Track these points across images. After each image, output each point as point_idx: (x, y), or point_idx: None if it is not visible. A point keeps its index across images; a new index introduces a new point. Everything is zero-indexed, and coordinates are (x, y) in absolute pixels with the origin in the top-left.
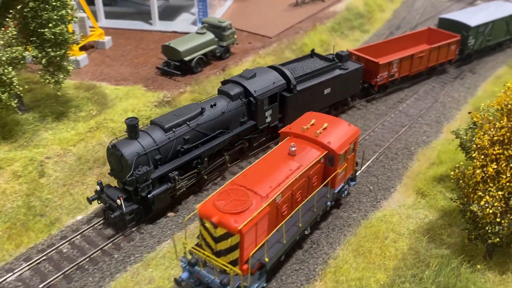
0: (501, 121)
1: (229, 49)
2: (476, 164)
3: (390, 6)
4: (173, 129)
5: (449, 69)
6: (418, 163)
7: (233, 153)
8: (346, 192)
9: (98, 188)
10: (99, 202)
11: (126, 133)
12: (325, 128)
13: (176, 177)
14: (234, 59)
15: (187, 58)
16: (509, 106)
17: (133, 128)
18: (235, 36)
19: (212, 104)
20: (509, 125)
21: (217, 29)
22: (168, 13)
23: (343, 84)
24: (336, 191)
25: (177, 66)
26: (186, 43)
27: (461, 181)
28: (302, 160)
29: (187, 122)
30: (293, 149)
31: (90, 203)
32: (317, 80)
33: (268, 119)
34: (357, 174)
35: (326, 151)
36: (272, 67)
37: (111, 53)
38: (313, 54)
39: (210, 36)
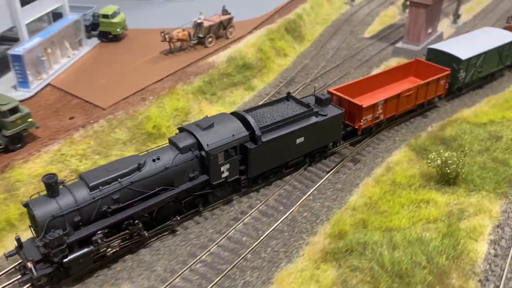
0: None
1: (21, 137)
2: None
3: (297, 48)
4: (100, 187)
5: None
6: None
7: (179, 209)
8: None
9: (16, 244)
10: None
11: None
12: None
13: (99, 241)
14: (29, 150)
15: None
16: None
17: (50, 187)
18: (30, 120)
19: (155, 158)
20: None
21: None
22: None
23: (320, 132)
24: None
25: None
26: None
27: None
28: None
29: (119, 179)
30: None
31: (7, 259)
32: (288, 129)
33: (225, 174)
34: None
35: None
36: (236, 114)
37: None
38: (289, 97)
39: None
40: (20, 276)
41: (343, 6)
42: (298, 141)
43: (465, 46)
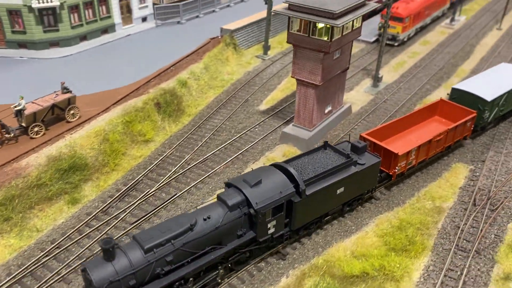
0: None
1: None
2: None
3: (169, 129)
4: (154, 249)
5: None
6: None
7: (227, 267)
8: None
9: None
10: None
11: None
12: None
13: None
14: None
15: None
16: None
17: (107, 252)
18: None
19: (206, 217)
20: None
21: None
22: None
23: (359, 181)
24: None
25: None
26: None
27: None
28: None
29: (172, 241)
30: None
31: None
32: (330, 180)
33: (271, 230)
34: None
35: None
36: (279, 167)
37: None
38: (326, 145)
39: None
40: None
41: (252, 61)
42: (338, 191)
43: (488, 86)
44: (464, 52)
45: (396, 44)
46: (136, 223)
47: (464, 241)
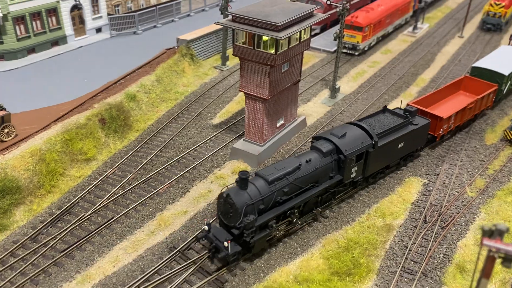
0: None
1: None
2: None
3: (114, 146)
4: (275, 182)
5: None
6: None
7: (319, 203)
8: None
9: (206, 228)
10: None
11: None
12: None
13: (274, 225)
14: None
15: None
16: None
17: (244, 181)
18: None
19: (307, 159)
20: None
21: None
22: None
23: (414, 138)
24: None
25: None
26: None
27: None
28: None
29: (287, 176)
30: None
31: (199, 242)
32: (394, 136)
33: (353, 175)
34: None
35: None
36: (355, 124)
37: None
38: (385, 109)
39: None
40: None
41: (210, 72)
42: (399, 145)
43: (502, 63)
44: (424, 61)
45: (356, 53)
46: (66, 250)
47: (411, 262)
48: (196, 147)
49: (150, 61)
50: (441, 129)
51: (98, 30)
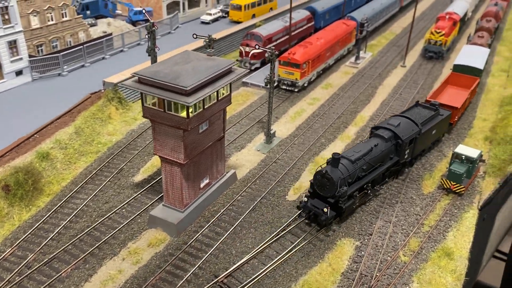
0: None
1: None
2: None
3: (19, 216)
4: (356, 161)
5: None
6: None
7: (383, 178)
8: None
9: (305, 199)
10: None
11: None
12: None
13: (357, 195)
14: None
15: None
16: None
17: (337, 161)
18: None
19: (375, 144)
20: None
21: None
22: None
23: (441, 126)
24: None
25: None
26: None
27: None
28: None
29: (364, 157)
30: None
31: (300, 210)
32: (431, 124)
33: (406, 156)
34: None
35: None
36: (403, 116)
37: None
38: (417, 104)
39: None
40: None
41: (139, 115)
42: (433, 132)
43: (475, 60)
44: (365, 96)
45: (296, 90)
46: None
47: None
48: (111, 214)
49: (70, 109)
50: (456, 117)
51: (19, 73)
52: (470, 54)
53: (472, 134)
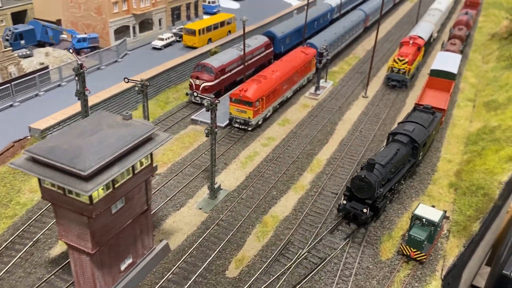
0: None
1: None
2: None
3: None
4: (386, 165)
5: None
6: None
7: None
8: None
9: (344, 202)
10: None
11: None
12: None
13: (388, 195)
14: None
15: None
16: None
17: (372, 165)
18: None
19: (398, 148)
20: None
21: None
22: None
23: (437, 127)
24: None
25: None
26: None
27: None
28: None
29: (391, 161)
30: None
31: (339, 213)
32: (432, 126)
33: (420, 157)
34: None
35: None
36: (413, 122)
37: None
38: (415, 108)
39: None
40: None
41: None
42: (433, 133)
43: (452, 65)
44: (323, 134)
45: (249, 129)
46: None
47: None
48: None
49: None
50: (443, 117)
51: None
52: (444, 60)
53: (436, 180)
